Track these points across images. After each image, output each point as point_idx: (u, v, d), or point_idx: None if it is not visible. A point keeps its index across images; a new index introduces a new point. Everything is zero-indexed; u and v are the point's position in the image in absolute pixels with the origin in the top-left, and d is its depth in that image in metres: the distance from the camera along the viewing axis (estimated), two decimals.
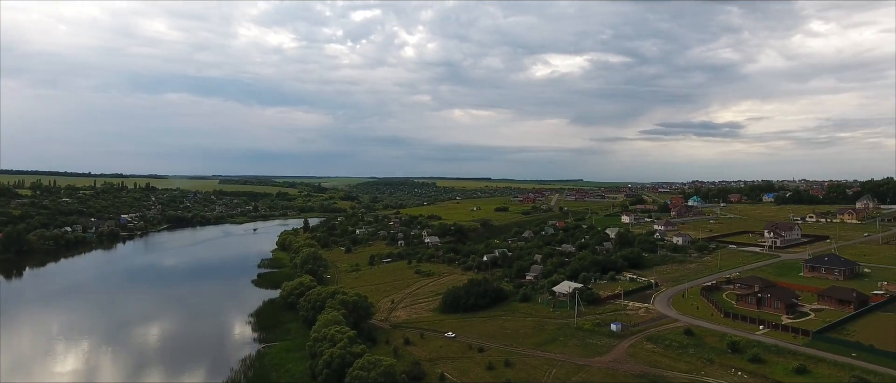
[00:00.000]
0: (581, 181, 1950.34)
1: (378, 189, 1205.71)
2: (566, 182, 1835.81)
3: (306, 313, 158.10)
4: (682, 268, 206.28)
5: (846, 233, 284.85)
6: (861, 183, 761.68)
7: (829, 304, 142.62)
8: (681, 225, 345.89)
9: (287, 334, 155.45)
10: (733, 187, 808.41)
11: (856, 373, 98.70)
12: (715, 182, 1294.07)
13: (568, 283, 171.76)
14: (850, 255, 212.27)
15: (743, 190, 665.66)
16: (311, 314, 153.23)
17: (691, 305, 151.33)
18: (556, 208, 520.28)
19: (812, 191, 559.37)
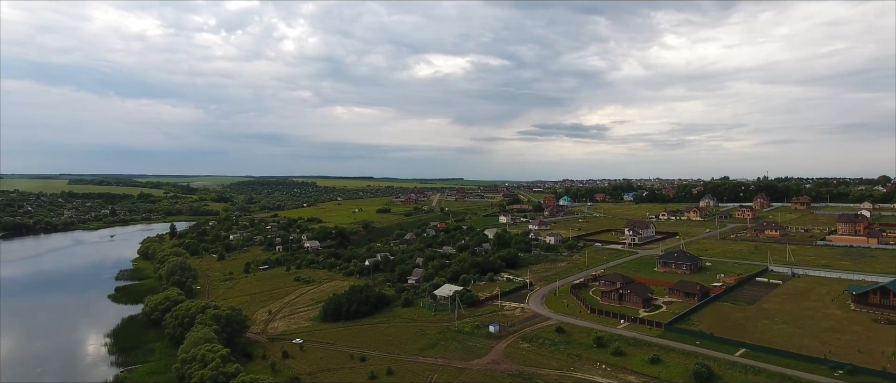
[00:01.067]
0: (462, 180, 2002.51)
1: (254, 189, 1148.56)
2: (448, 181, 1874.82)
3: (173, 330, 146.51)
4: (554, 266, 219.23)
5: (692, 229, 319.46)
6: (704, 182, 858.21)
7: (678, 297, 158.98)
8: (553, 224, 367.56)
9: (150, 355, 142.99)
10: (599, 186, 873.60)
11: (699, 360, 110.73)
12: (583, 181, 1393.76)
13: (449, 286, 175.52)
14: (695, 251, 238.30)
15: (607, 189, 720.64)
16: (179, 331, 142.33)
17: (562, 303, 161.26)
18: (437, 209, 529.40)
19: (664, 191, 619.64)
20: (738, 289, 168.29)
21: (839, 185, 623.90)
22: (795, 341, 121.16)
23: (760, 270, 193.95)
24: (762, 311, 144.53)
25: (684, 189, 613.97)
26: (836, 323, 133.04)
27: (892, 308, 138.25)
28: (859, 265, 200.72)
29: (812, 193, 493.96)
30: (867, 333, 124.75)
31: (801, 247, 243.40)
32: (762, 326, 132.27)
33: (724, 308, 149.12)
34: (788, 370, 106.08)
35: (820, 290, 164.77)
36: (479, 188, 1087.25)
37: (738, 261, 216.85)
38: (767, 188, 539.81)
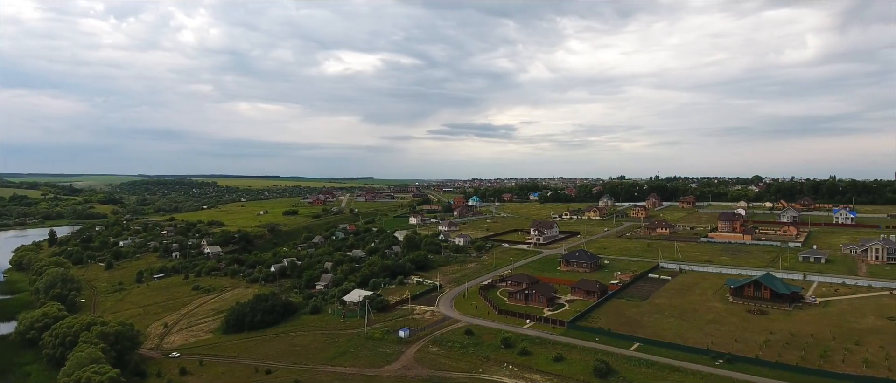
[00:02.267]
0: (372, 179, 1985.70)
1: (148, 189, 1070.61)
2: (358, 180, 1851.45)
3: (53, 351, 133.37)
4: (464, 268, 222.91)
5: (592, 228, 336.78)
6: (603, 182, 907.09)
7: (579, 295, 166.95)
8: (462, 225, 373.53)
9: (25, 380, 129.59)
10: (506, 186, 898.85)
11: (599, 356, 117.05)
12: (491, 180, 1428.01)
13: (358, 291, 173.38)
14: (595, 249, 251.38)
15: (514, 189, 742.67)
16: (60, 351, 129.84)
17: (471, 305, 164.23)
18: (347, 210, 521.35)
19: (567, 191, 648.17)
20: (633, 286, 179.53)
21: (720, 185, 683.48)
22: (682, 333, 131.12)
23: (652, 267, 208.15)
24: (654, 306, 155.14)
25: (585, 189, 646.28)
26: (717, 315, 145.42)
27: (764, 299, 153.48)
28: (737, 260, 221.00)
29: (697, 193, 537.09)
30: (743, 324, 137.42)
31: (687, 243, 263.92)
32: (654, 320, 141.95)
33: (621, 304, 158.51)
34: (677, 361, 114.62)
35: (703, 284, 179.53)
36: (389, 188, 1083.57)
37: (633, 258, 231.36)
38: (658, 188, 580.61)
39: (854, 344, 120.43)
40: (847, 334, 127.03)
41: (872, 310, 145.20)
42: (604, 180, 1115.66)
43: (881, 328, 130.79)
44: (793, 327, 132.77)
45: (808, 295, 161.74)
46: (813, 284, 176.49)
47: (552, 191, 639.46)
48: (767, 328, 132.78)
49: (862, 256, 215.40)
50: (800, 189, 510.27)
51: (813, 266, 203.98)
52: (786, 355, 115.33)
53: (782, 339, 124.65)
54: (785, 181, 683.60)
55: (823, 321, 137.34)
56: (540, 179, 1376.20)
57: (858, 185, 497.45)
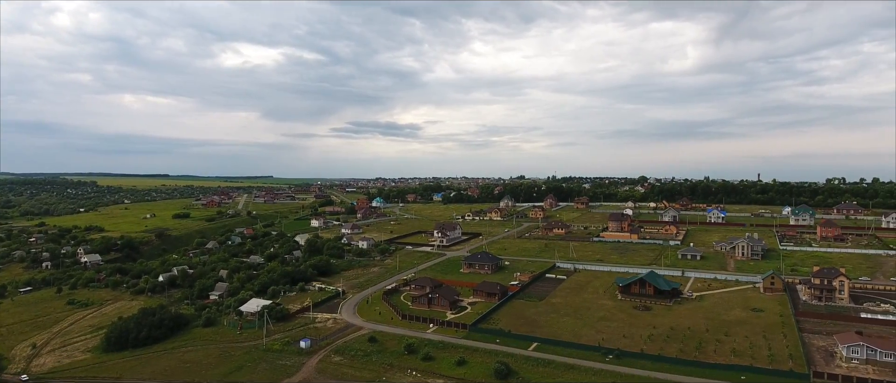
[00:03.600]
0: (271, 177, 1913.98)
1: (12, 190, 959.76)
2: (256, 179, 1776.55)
3: None
4: (367, 272, 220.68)
5: (493, 229, 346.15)
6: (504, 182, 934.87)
7: (481, 297, 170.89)
8: (366, 227, 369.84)
9: None
10: (411, 186, 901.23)
11: (499, 358, 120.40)
12: (396, 179, 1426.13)
13: (256, 301, 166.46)
14: (496, 250, 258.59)
15: (418, 189, 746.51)
16: None
17: (375, 311, 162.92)
18: (244, 212, 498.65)
19: (470, 191, 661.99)
20: (532, 286, 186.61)
21: (611, 185, 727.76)
22: (577, 331, 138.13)
23: (550, 267, 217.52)
24: (551, 306, 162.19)
25: (487, 189, 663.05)
26: (607, 312, 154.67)
27: (648, 296, 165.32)
28: (625, 258, 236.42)
29: (590, 194, 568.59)
30: (630, 320, 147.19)
31: (581, 243, 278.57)
32: (551, 320, 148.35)
33: (520, 304, 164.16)
34: (571, 359, 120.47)
35: (595, 283, 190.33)
36: (290, 188, 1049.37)
37: (532, 258, 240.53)
38: (555, 189, 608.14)
39: (724, 335, 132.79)
40: (718, 326, 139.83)
41: (739, 303, 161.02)
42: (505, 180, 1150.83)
43: (746, 319, 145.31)
44: (673, 321, 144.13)
45: (686, 290, 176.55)
46: (690, 280, 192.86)
47: (455, 192, 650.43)
48: (651, 323, 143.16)
49: (730, 253, 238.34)
50: (679, 190, 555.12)
51: (690, 263, 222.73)
52: (667, 348, 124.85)
53: (664, 333, 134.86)
54: (667, 182, 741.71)
55: (699, 314, 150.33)
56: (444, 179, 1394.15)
57: (728, 187, 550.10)
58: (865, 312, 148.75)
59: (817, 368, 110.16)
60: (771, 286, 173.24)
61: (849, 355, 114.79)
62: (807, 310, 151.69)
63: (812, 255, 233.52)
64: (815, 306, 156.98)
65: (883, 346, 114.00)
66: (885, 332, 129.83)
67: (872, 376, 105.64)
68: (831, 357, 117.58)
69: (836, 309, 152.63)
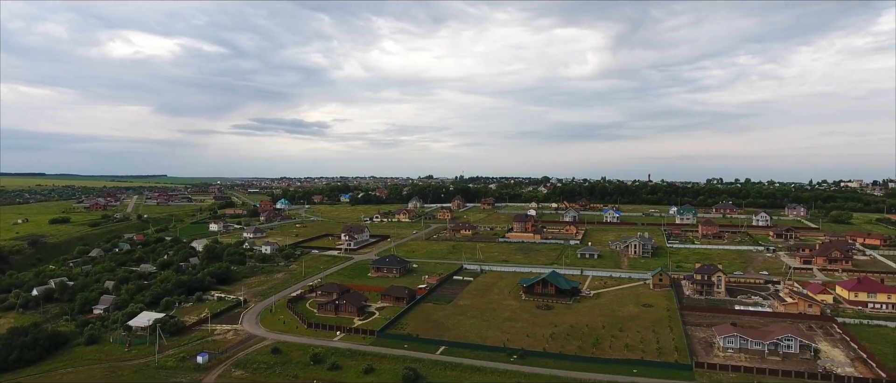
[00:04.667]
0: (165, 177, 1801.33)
1: None
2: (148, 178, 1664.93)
3: None
4: (271, 278, 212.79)
5: (402, 231, 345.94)
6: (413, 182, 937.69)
7: (389, 302, 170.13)
8: (269, 231, 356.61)
9: None
10: (317, 186, 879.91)
11: (407, 364, 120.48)
12: (302, 179, 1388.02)
13: (148, 314, 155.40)
14: (405, 253, 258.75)
15: (325, 190, 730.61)
16: None
17: (279, 319, 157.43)
18: (134, 215, 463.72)
19: (378, 192, 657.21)
20: (440, 289, 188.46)
21: (516, 186, 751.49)
22: (483, 333, 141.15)
23: (457, 268, 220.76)
24: (458, 308, 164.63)
25: (396, 190, 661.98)
26: (512, 312, 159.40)
27: (550, 295, 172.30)
28: (529, 258, 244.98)
29: (496, 194, 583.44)
30: (533, 319, 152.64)
31: (488, 244, 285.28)
32: (458, 322, 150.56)
33: (428, 308, 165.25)
34: (478, 361, 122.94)
35: (501, 284, 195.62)
36: (186, 188, 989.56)
37: (440, 260, 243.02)
38: (463, 190, 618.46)
39: (618, 330, 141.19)
40: (613, 322, 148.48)
41: (631, 299, 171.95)
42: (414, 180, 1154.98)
43: (638, 314, 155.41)
44: (573, 319, 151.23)
45: (585, 288, 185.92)
46: (588, 278, 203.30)
47: (364, 193, 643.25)
48: (553, 322, 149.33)
49: (624, 251, 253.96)
50: (579, 191, 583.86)
51: (588, 261, 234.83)
52: (567, 346, 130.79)
53: (565, 331, 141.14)
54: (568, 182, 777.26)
55: (596, 312, 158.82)
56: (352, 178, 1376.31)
57: (622, 187, 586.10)
58: (739, 304, 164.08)
59: (699, 359, 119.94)
60: (659, 282, 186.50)
61: (725, 345, 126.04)
62: (690, 305, 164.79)
63: (695, 252, 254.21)
64: (697, 300, 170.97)
65: (753, 336, 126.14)
66: (756, 322, 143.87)
67: (744, 364, 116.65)
68: (711, 347, 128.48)
69: (715, 303, 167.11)
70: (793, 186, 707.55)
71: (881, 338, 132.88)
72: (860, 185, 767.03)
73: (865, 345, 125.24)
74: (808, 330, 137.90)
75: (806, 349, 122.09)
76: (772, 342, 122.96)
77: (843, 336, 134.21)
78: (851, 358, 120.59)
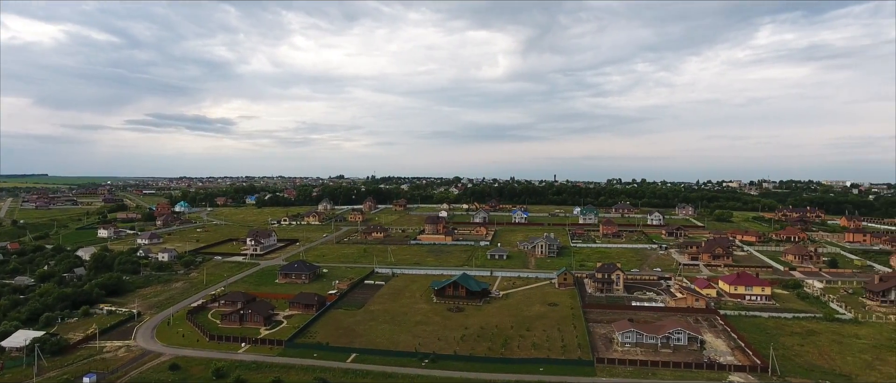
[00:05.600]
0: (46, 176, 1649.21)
1: None
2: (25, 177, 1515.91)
3: None
4: (169, 288, 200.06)
5: (311, 234, 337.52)
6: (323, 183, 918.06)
7: (298, 309, 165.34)
8: (167, 236, 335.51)
9: None
10: (220, 187, 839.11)
11: (317, 374, 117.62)
12: (204, 178, 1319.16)
13: (25, 332, 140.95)
14: (314, 257, 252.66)
15: (229, 191, 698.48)
16: None
17: (178, 333, 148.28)
18: (7, 221, 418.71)
19: (286, 193, 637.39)
20: (351, 294, 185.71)
21: (428, 187, 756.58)
22: (394, 338, 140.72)
23: (369, 273, 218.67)
24: (369, 313, 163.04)
25: (305, 191, 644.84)
26: (423, 316, 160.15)
27: (460, 298, 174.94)
28: (440, 260, 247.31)
29: (408, 195, 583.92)
30: (445, 322, 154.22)
31: (399, 246, 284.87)
32: (369, 328, 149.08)
33: (339, 314, 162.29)
34: (389, 367, 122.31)
35: (413, 287, 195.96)
36: (71, 189, 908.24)
37: (351, 264, 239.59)
38: (375, 191, 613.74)
39: (526, 330, 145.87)
40: (521, 322, 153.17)
41: (538, 299, 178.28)
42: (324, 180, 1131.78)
43: (545, 313, 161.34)
44: (483, 320, 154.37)
45: (494, 289, 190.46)
46: (498, 279, 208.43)
47: (271, 194, 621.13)
48: (463, 324, 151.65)
49: (532, 251, 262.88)
50: (489, 191, 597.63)
51: (498, 262, 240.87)
52: (477, 347, 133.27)
53: (475, 333, 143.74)
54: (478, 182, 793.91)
55: (505, 312, 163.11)
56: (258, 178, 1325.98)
57: (530, 188, 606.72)
58: (635, 301, 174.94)
59: (600, 354, 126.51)
60: (564, 281, 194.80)
61: (623, 340, 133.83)
62: (592, 302, 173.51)
63: (596, 251, 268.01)
64: (599, 298, 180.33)
65: (647, 331, 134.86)
66: (650, 317, 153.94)
67: (640, 357, 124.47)
68: (610, 343, 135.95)
69: (614, 300, 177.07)
70: (683, 186, 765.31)
71: (756, 328, 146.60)
72: (739, 185, 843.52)
73: (743, 335, 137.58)
74: (695, 323, 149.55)
75: (693, 341, 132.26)
76: (664, 335, 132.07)
77: (725, 327, 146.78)
78: (731, 347, 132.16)
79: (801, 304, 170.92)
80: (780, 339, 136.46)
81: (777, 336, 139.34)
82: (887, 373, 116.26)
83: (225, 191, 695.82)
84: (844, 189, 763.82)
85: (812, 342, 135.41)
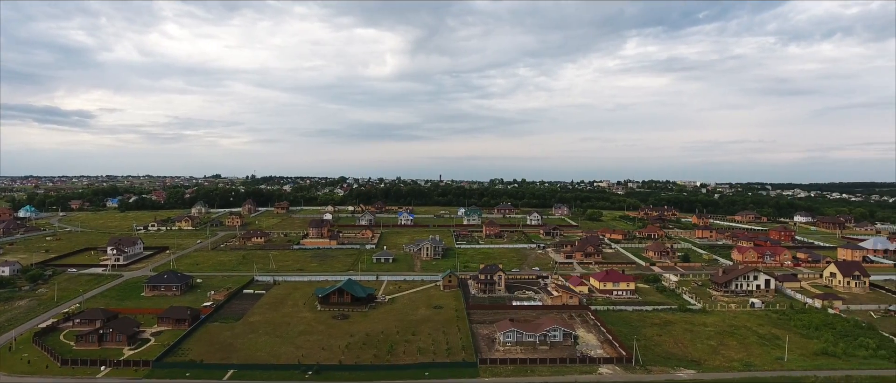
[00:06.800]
0: None
1: None
2: None
3: None
4: (10, 307, 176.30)
5: (184, 241, 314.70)
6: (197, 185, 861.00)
7: (168, 325, 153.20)
8: (9, 246, 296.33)
9: None
10: (76, 188, 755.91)
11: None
12: (56, 178, 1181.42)
13: None
14: (187, 266, 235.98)
15: (86, 193, 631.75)
16: None
17: (22, 359, 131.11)
18: None
19: (155, 196, 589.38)
20: (228, 305, 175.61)
21: (312, 188, 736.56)
22: (275, 351, 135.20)
23: (248, 281, 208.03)
24: (248, 325, 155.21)
25: (177, 192, 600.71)
26: (307, 325, 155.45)
27: (346, 304, 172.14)
28: (325, 266, 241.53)
29: (291, 197, 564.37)
30: (329, 331, 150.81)
31: (281, 252, 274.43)
32: (248, 341, 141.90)
33: (214, 328, 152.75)
34: (270, 382, 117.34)
35: (295, 295, 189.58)
36: None
37: (228, 273, 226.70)
38: (255, 193, 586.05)
39: (412, 334, 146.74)
40: (407, 326, 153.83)
41: (424, 302, 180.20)
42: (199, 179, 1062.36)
43: (430, 317, 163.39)
44: (369, 327, 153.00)
45: (380, 294, 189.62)
46: (383, 283, 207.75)
47: (136, 197, 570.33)
48: (349, 331, 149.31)
49: (417, 254, 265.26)
50: (375, 193, 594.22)
51: (384, 266, 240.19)
52: (363, 355, 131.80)
53: (361, 340, 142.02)
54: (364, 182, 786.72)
55: (391, 317, 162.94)
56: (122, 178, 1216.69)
57: (416, 189, 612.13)
58: (516, 300, 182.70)
59: (483, 355, 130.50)
60: (449, 283, 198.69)
61: (505, 340, 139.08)
62: (476, 303, 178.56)
63: (480, 252, 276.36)
64: (482, 299, 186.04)
65: (527, 329, 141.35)
66: (529, 316, 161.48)
67: (520, 355, 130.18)
68: (493, 343, 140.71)
69: (497, 300, 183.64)
70: (559, 186, 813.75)
71: (622, 321, 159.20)
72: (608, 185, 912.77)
73: (612, 329, 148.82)
74: (569, 320, 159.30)
75: (568, 337, 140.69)
76: (542, 333, 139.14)
77: (596, 322, 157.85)
78: (601, 341, 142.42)
79: (659, 297, 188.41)
80: (642, 331, 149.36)
81: (640, 328, 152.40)
82: (728, 357, 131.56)
83: (81, 193, 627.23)
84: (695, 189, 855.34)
85: (668, 332, 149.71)
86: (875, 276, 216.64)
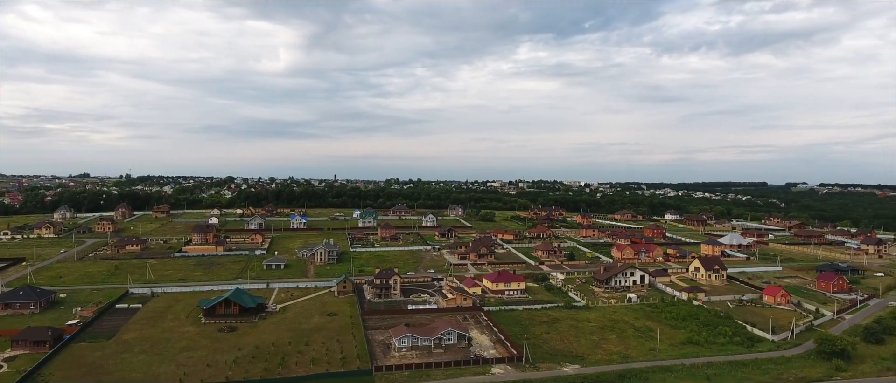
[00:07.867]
0: None
1: None
2: None
3: None
4: None
5: (44, 250, 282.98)
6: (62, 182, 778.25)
7: (25, 348, 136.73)
8: None
9: None
10: None
11: None
12: None
13: None
14: (48, 279, 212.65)
15: None
16: None
17: None
18: None
19: (9, 198, 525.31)
20: (98, 322, 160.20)
21: (196, 189, 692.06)
22: (154, 370, 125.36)
23: (121, 294, 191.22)
24: (122, 344, 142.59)
25: (36, 195, 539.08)
26: (190, 340, 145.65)
27: (233, 316, 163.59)
28: (210, 274, 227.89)
29: (172, 200, 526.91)
30: (215, 345, 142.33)
31: (160, 260, 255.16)
32: (122, 362, 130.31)
33: (82, 349, 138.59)
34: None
35: (177, 308, 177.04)
36: None
37: (98, 286, 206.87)
38: (130, 195, 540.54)
39: (305, 344, 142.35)
40: (300, 336, 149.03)
41: (318, 309, 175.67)
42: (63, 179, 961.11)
43: (324, 325, 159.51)
44: (258, 339, 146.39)
45: (271, 303, 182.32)
46: (275, 291, 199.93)
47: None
48: (237, 345, 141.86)
49: (311, 259, 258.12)
50: (266, 195, 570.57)
51: (275, 272, 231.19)
52: (252, 370, 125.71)
53: (250, 354, 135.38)
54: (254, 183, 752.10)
55: (282, 327, 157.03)
56: None
57: (309, 191, 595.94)
58: (411, 304, 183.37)
59: (378, 362, 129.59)
60: (343, 289, 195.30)
61: (400, 346, 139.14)
62: (371, 309, 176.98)
63: (375, 255, 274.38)
64: (377, 304, 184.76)
65: (422, 333, 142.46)
66: (425, 320, 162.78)
67: (416, 360, 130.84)
68: (389, 349, 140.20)
69: (392, 305, 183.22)
70: (454, 186, 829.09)
71: (513, 320, 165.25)
72: (501, 185, 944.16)
73: (504, 328, 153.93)
74: (463, 321, 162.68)
75: (462, 338, 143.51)
76: (437, 337, 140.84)
77: (488, 322, 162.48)
78: (494, 341, 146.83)
79: (548, 295, 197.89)
80: (532, 329, 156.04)
81: (529, 326, 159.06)
82: (609, 350, 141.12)
83: None
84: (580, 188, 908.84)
85: (555, 329, 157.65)
86: (732, 269, 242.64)
